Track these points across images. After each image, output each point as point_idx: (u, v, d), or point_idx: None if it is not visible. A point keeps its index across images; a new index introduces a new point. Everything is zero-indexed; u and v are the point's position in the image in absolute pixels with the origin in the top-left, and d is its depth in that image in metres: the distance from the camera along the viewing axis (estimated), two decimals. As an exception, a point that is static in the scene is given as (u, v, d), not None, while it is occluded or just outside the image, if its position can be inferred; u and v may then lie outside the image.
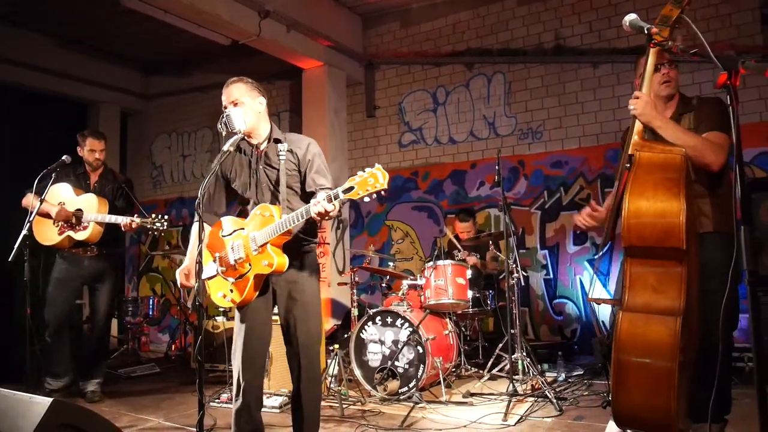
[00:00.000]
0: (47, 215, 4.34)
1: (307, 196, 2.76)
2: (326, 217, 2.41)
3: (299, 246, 2.77)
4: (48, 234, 4.39)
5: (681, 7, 2.23)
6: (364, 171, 2.29)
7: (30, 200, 4.24)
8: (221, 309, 5.20)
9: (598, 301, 5.44)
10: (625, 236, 2.16)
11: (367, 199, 2.32)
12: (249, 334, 2.72)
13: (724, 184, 2.66)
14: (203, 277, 2.78)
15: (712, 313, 2.45)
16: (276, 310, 2.83)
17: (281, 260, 2.57)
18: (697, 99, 2.70)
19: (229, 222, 2.73)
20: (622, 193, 2.55)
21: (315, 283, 2.84)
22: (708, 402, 2.43)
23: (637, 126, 2.39)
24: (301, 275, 2.77)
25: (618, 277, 2.93)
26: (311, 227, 2.81)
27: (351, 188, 2.29)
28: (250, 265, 2.61)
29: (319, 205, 2.35)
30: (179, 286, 2.82)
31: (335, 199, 2.35)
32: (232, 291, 2.63)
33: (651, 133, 2.57)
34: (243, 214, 2.85)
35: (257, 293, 2.67)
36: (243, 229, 2.68)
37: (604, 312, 5.59)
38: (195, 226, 2.76)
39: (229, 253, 2.65)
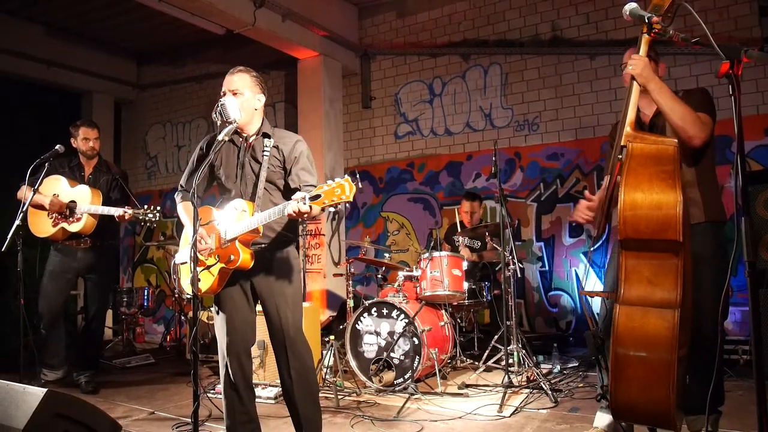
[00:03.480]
0: (41, 207, 4.31)
1: (290, 193, 2.75)
2: (302, 217, 2.40)
3: (279, 241, 2.77)
4: (42, 226, 4.36)
5: None
6: (333, 181, 2.29)
7: (24, 192, 4.21)
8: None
9: (591, 294, 5.44)
10: (621, 229, 2.15)
11: (331, 209, 2.33)
12: (230, 325, 2.73)
13: (709, 174, 2.68)
14: (178, 261, 2.81)
15: (704, 304, 2.46)
16: (259, 305, 2.82)
17: (246, 257, 2.59)
18: (683, 92, 2.70)
19: (206, 212, 2.73)
20: (614, 185, 2.54)
21: (297, 276, 2.84)
22: (701, 393, 2.44)
23: (629, 117, 2.37)
24: (283, 270, 2.76)
25: (609, 269, 2.93)
26: (291, 223, 2.80)
27: (318, 196, 2.30)
28: (218, 257, 2.63)
29: (294, 204, 2.35)
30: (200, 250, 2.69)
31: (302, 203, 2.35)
32: (199, 280, 2.62)
33: (640, 125, 2.56)
34: (221, 204, 2.84)
35: (224, 286, 2.69)
36: (216, 221, 2.69)
37: (597, 304, 5.59)
38: (179, 207, 2.85)
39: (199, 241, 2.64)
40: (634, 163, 2.21)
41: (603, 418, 2.94)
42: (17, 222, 3.68)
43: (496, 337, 4.77)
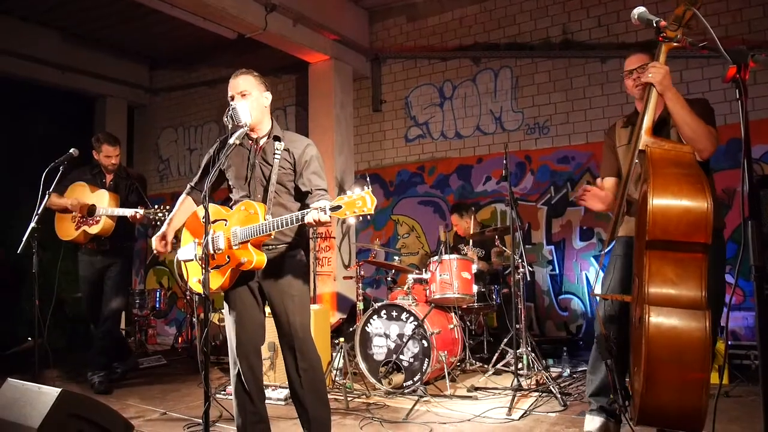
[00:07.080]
0: (66, 210, 4.52)
1: (300, 196, 2.79)
2: (318, 226, 2.42)
3: (288, 244, 2.79)
4: (67, 230, 4.60)
5: (695, 7, 2.22)
6: (354, 193, 2.29)
7: (52, 199, 4.22)
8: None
9: (605, 297, 5.41)
10: (649, 229, 2.14)
11: (351, 220, 2.33)
12: (239, 326, 2.76)
13: (713, 184, 2.70)
14: (182, 258, 2.82)
15: None
16: (268, 307, 2.84)
17: (260, 258, 2.61)
18: (687, 101, 2.72)
19: (212, 210, 2.73)
20: (625, 186, 2.55)
21: (305, 279, 2.87)
22: None
23: (646, 123, 2.38)
24: (291, 272, 2.79)
25: (608, 273, 2.94)
26: (300, 226, 2.82)
27: (339, 207, 2.30)
28: (228, 258, 2.64)
29: (315, 213, 2.36)
30: (153, 250, 2.86)
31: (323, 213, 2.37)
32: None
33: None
34: (229, 202, 2.87)
35: (234, 285, 2.72)
36: (225, 220, 2.70)
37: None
38: (180, 199, 2.93)
39: (209, 242, 2.65)
40: (657, 167, 2.22)
41: (593, 422, 2.93)
42: (32, 224, 3.74)
43: (505, 340, 4.77)
